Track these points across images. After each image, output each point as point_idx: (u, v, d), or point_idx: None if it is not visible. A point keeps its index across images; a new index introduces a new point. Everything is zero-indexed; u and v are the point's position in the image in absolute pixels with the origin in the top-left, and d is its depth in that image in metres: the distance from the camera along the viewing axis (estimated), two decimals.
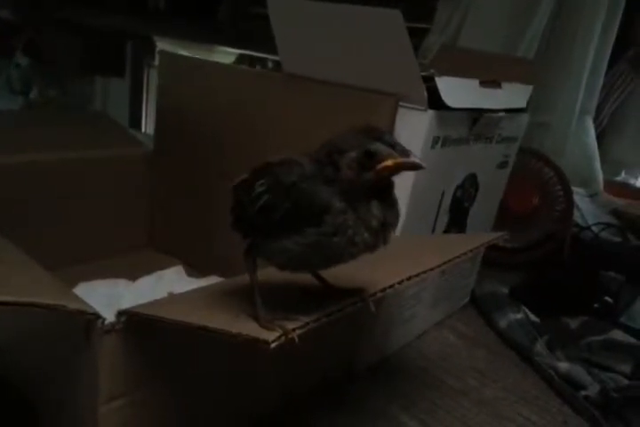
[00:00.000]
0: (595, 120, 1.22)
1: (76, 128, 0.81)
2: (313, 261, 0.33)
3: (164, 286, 0.65)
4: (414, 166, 0.32)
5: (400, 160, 0.31)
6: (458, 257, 0.42)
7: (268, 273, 0.37)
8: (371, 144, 0.32)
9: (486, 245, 0.46)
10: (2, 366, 0.48)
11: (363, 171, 0.32)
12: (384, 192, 0.33)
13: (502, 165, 0.70)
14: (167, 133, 0.77)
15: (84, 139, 0.77)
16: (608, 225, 0.94)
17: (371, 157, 0.32)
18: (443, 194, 0.61)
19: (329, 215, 0.32)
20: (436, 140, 0.55)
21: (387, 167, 0.31)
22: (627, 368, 0.61)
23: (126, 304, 0.37)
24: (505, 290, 0.80)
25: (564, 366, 0.61)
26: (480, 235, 0.61)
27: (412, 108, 0.53)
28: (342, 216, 0.32)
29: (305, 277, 0.38)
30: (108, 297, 0.60)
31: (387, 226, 0.33)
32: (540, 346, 0.65)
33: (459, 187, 0.63)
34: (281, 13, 0.61)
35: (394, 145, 0.32)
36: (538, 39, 1.06)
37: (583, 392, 0.58)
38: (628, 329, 0.69)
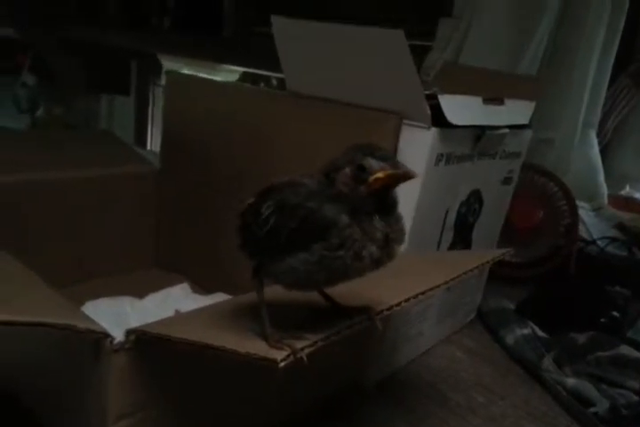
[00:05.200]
0: (598, 135, 1.22)
1: (81, 146, 0.82)
2: (319, 278, 0.34)
3: (171, 303, 0.65)
4: (405, 176, 0.32)
5: (391, 171, 0.32)
6: (464, 274, 0.42)
7: (275, 292, 0.37)
8: (363, 159, 0.33)
9: (492, 261, 0.46)
10: (11, 384, 0.48)
11: (357, 185, 0.33)
12: (387, 209, 0.34)
13: (506, 180, 0.71)
14: (173, 152, 0.78)
15: (90, 157, 0.77)
16: (613, 239, 0.94)
17: (363, 172, 0.33)
18: (447, 210, 0.61)
19: (335, 230, 0.32)
20: (439, 158, 0.55)
21: (378, 179, 0.32)
22: (636, 384, 0.61)
23: (133, 322, 0.38)
24: (511, 305, 0.79)
25: (572, 382, 0.61)
26: (486, 251, 0.62)
27: (416, 126, 0.54)
28: (348, 230, 0.32)
29: (312, 296, 0.38)
30: (115, 315, 0.61)
31: (391, 241, 0.34)
32: (547, 362, 0.65)
33: (463, 203, 0.63)
34: (285, 33, 0.62)
35: (386, 159, 0.33)
36: (539, 55, 1.07)
37: (592, 409, 0.57)
38: (635, 344, 0.69)
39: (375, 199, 0.33)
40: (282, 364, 0.29)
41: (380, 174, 0.32)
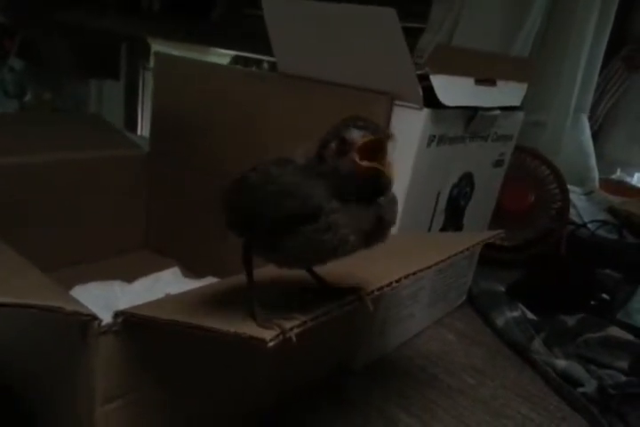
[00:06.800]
0: (590, 118, 1.22)
1: (71, 130, 0.81)
2: (307, 257, 0.34)
3: (161, 287, 0.64)
4: (385, 136, 0.31)
5: (369, 137, 0.31)
6: (455, 255, 0.42)
7: (265, 272, 0.37)
8: (344, 131, 0.32)
9: (483, 242, 0.46)
10: (4, 372, 0.48)
11: (341, 159, 0.32)
12: (380, 189, 0.33)
13: (498, 163, 0.70)
14: (163, 135, 0.77)
15: (80, 141, 0.77)
16: (604, 223, 0.95)
17: (344, 144, 0.32)
18: (439, 193, 0.61)
19: (322, 214, 0.31)
20: (431, 139, 0.55)
21: (359, 148, 0.31)
22: (624, 365, 0.61)
23: (123, 306, 0.37)
24: (502, 288, 0.80)
25: (561, 363, 0.61)
26: (477, 233, 0.62)
27: (408, 107, 0.53)
28: (335, 215, 0.32)
29: (302, 276, 0.38)
30: (104, 299, 0.60)
31: (381, 223, 0.33)
32: (537, 344, 0.65)
33: (455, 186, 0.63)
34: (275, 13, 0.61)
35: (366, 127, 0.32)
36: (532, 38, 1.07)
37: (581, 389, 0.58)
38: (624, 326, 0.70)
39: (366, 178, 0.32)
40: (271, 343, 0.29)
41: (359, 143, 0.31)
